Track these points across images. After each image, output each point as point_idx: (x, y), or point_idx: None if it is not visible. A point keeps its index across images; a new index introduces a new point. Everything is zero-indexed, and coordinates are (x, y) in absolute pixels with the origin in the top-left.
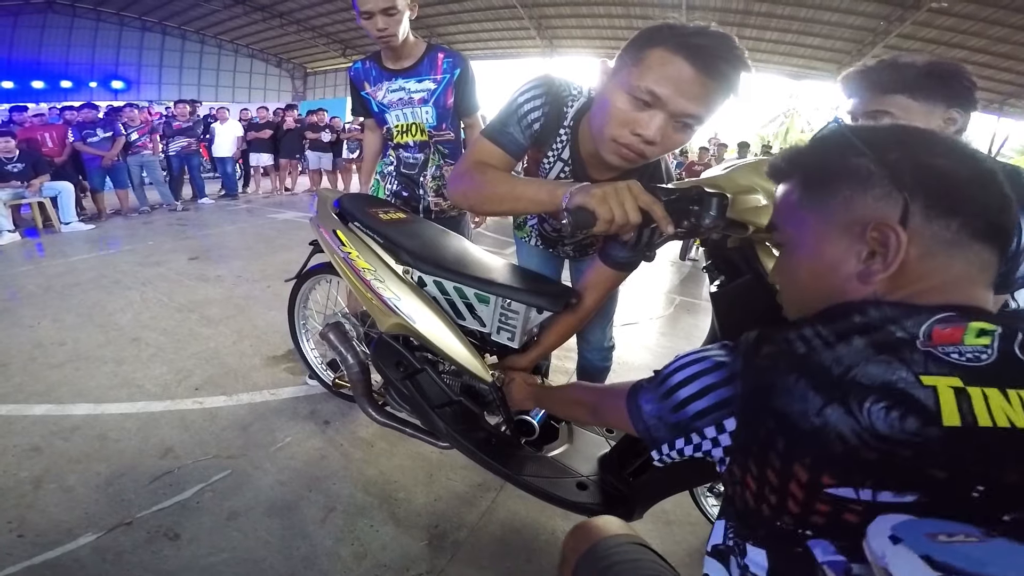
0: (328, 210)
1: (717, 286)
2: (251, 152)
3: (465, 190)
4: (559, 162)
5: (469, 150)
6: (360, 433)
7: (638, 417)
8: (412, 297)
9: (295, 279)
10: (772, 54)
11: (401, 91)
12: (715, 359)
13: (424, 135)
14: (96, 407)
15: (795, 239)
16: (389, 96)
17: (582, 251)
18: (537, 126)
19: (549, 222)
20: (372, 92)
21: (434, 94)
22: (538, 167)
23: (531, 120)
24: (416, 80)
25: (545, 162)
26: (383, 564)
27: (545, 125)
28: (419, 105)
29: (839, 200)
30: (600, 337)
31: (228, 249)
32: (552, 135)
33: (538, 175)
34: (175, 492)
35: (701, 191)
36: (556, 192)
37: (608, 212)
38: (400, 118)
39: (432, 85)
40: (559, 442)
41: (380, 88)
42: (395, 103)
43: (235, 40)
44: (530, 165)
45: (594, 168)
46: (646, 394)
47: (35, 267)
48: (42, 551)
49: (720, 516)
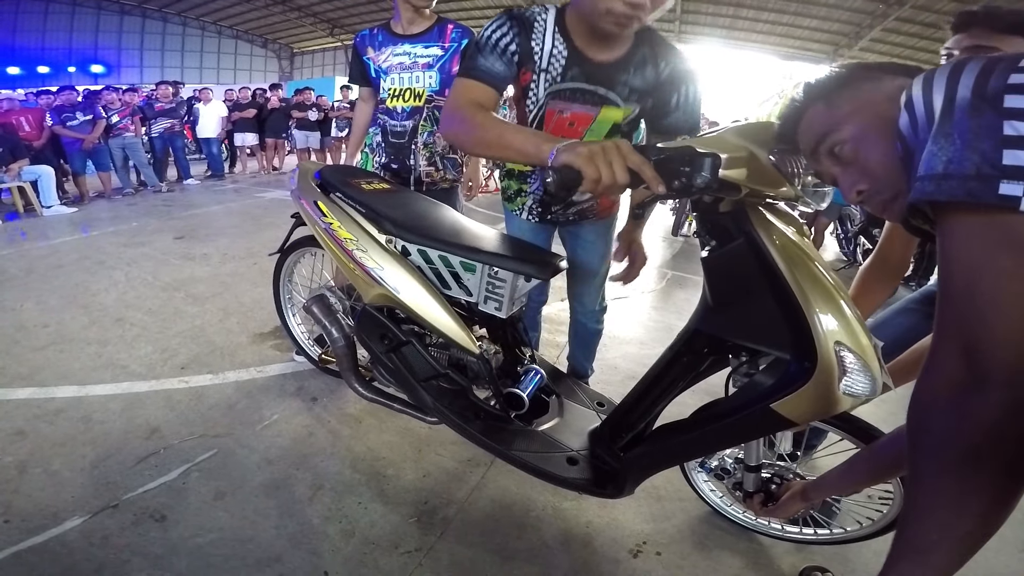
0: (309, 182)
1: (708, 251)
2: (236, 132)
3: (456, 131)
4: (552, 61)
5: (452, 91)
6: (348, 410)
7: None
8: (395, 266)
9: (278, 253)
10: (768, 35)
11: (405, 55)
12: None
13: (418, 100)
14: (80, 389)
15: (853, 133)
16: (392, 60)
17: (581, 215)
18: (513, 47)
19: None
20: (374, 57)
21: (440, 60)
22: (527, 89)
23: (503, 46)
24: (424, 46)
25: (533, 80)
26: (371, 542)
27: (522, 44)
28: (422, 70)
29: (869, 81)
30: (594, 298)
31: (214, 228)
32: (533, 48)
33: (535, 90)
34: (161, 473)
35: (693, 151)
36: (543, 147)
37: (595, 172)
38: (395, 82)
39: (439, 52)
40: (549, 416)
41: (383, 52)
42: (395, 67)
43: (218, 22)
44: (520, 90)
45: (592, 50)
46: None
47: (17, 251)
48: (29, 536)
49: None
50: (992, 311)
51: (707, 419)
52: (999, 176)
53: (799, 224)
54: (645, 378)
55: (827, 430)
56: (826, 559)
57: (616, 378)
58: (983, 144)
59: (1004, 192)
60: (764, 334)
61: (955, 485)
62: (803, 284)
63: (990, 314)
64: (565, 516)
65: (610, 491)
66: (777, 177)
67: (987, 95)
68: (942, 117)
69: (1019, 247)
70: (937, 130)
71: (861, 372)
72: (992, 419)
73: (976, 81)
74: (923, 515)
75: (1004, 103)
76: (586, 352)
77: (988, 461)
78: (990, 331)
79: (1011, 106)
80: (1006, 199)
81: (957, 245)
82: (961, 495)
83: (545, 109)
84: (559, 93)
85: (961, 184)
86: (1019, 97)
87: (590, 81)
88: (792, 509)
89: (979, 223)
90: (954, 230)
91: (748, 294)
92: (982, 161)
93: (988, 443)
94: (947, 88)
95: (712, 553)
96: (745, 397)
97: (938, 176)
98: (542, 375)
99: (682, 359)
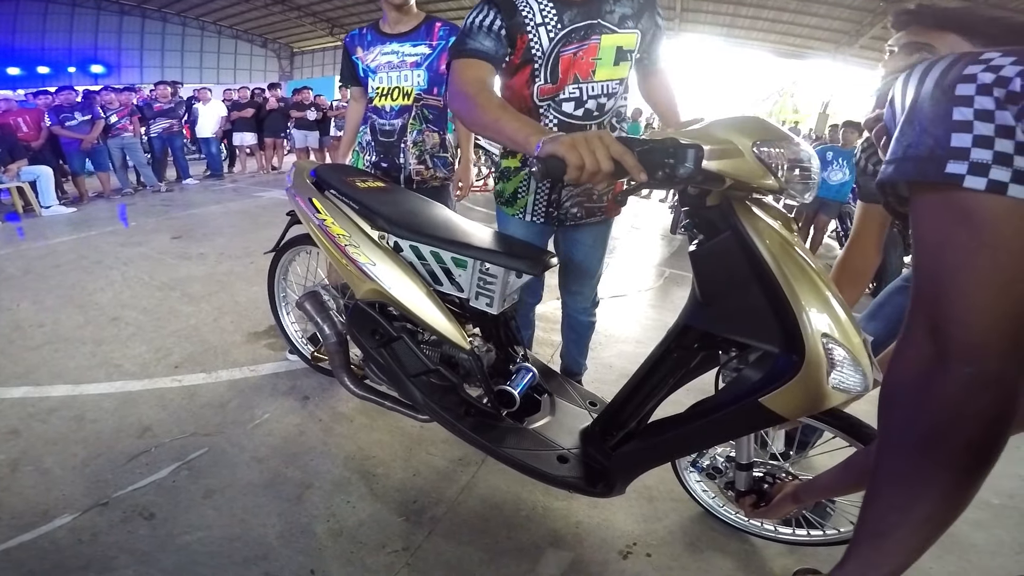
0: (305, 179)
1: (696, 245)
2: (235, 132)
3: (458, 108)
4: (545, 16)
5: (451, 73)
6: (340, 408)
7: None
8: (387, 262)
9: (273, 251)
10: (769, 32)
11: (393, 54)
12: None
13: (407, 99)
14: (74, 388)
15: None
16: (380, 59)
17: (589, 212)
18: (498, 23)
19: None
20: (362, 56)
21: (428, 58)
22: (529, 49)
23: (488, 25)
24: (411, 44)
25: (532, 39)
26: (359, 541)
27: (507, 19)
28: (410, 68)
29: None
30: (588, 296)
31: (212, 228)
32: (522, 14)
33: (538, 46)
34: (151, 471)
35: (676, 142)
36: (531, 138)
37: (578, 159)
38: (383, 80)
39: (427, 50)
40: (541, 414)
41: (372, 51)
42: (383, 66)
43: (218, 21)
44: (520, 58)
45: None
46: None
47: (15, 250)
48: (19, 533)
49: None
50: (952, 287)
51: (696, 415)
52: (946, 157)
53: (787, 218)
54: (636, 375)
55: (820, 428)
56: (819, 562)
57: (611, 377)
58: (937, 129)
59: (949, 171)
60: (752, 328)
61: (915, 465)
62: (790, 277)
63: (951, 290)
64: (555, 516)
65: (600, 489)
66: (761, 169)
67: (945, 85)
68: (909, 108)
69: (973, 222)
70: (903, 119)
71: (850, 366)
72: (950, 396)
73: (940, 74)
74: (883, 497)
75: (955, 91)
76: (579, 347)
77: (948, 440)
78: (950, 306)
79: (960, 94)
80: (951, 176)
81: (920, 223)
82: (921, 476)
83: (559, 58)
84: (563, 39)
85: (915, 165)
86: (968, 85)
87: (581, 19)
88: (783, 511)
89: (936, 201)
90: (918, 209)
91: (736, 288)
92: (935, 144)
93: (947, 421)
94: (917, 83)
95: (703, 555)
96: (734, 392)
97: (898, 159)
98: (534, 373)
99: (672, 355)
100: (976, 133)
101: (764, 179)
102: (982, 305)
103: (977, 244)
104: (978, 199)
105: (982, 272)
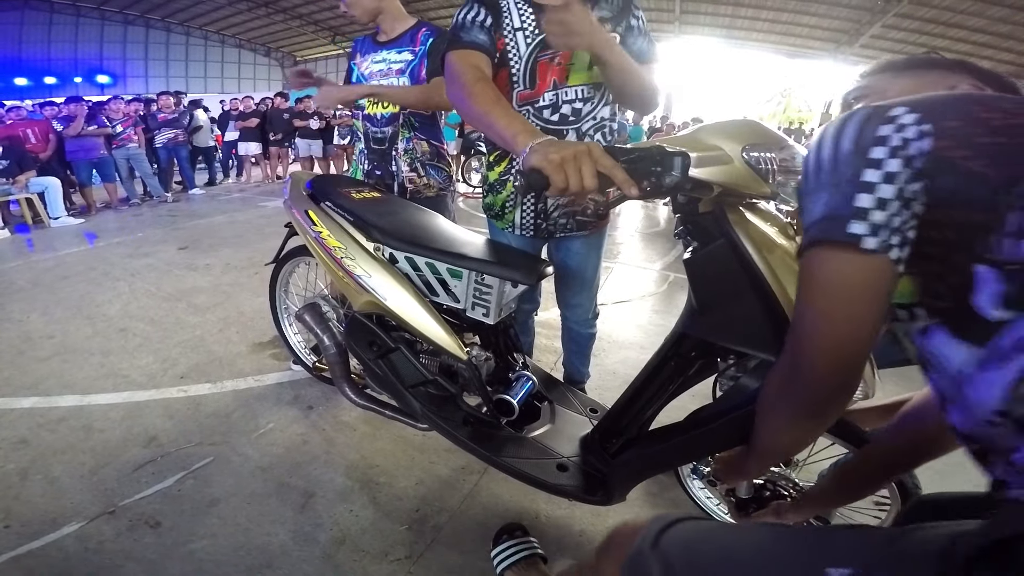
0: (300, 191)
1: (690, 253)
2: (239, 142)
3: (455, 96)
4: (523, 20)
5: (447, 64)
6: (343, 417)
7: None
8: (383, 274)
9: (274, 262)
10: (768, 33)
11: (383, 62)
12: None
13: (396, 107)
14: (82, 398)
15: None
16: (372, 67)
17: (580, 225)
18: (482, 15)
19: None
20: (359, 63)
21: (411, 65)
22: (506, 53)
23: (475, 22)
24: (396, 51)
25: (510, 42)
26: (362, 550)
27: (493, 15)
28: (396, 76)
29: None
30: (587, 308)
31: (217, 238)
32: (503, 14)
33: (516, 50)
34: (157, 480)
35: (662, 150)
36: (519, 139)
37: (563, 180)
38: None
39: (410, 56)
40: (541, 422)
41: (366, 59)
42: (374, 74)
43: (221, 31)
44: (500, 59)
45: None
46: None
47: (24, 262)
48: (27, 541)
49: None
50: (812, 336)
51: (694, 423)
52: (850, 217)
53: (783, 224)
54: (634, 383)
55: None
56: None
57: (615, 384)
58: (847, 188)
59: (851, 231)
60: (748, 336)
61: (778, 415)
62: (785, 285)
63: (810, 338)
64: (558, 524)
65: (600, 497)
66: (751, 176)
67: (860, 146)
68: (830, 166)
69: (852, 282)
70: (826, 178)
71: None
72: (798, 399)
73: (857, 132)
74: (762, 431)
75: (869, 154)
76: (581, 357)
77: (796, 409)
78: (809, 350)
79: (873, 156)
80: (851, 236)
81: (807, 269)
82: (779, 422)
83: (537, 63)
84: (540, 44)
85: (830, 224)
86: (882, 148)
87: None
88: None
89: (824, 256)
90: (808, 257)
91: (730, 296)
92: (843, 203)
93: (794, 404)
94: (835, 140)
95: None
96: (731, 401)
97: (818, 219)
98: (533, 381)
99: (670, 363)
100: (877, 195)
101: (754, 185)
102: (826, 355)
103: (845, 299)
104: (864, 259)
105: (836, 325)
